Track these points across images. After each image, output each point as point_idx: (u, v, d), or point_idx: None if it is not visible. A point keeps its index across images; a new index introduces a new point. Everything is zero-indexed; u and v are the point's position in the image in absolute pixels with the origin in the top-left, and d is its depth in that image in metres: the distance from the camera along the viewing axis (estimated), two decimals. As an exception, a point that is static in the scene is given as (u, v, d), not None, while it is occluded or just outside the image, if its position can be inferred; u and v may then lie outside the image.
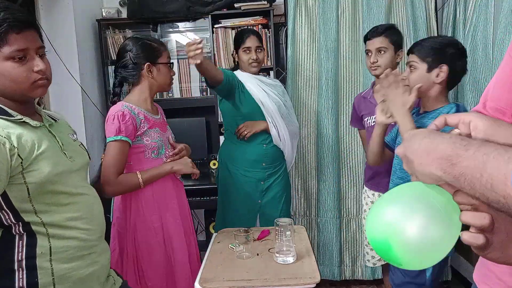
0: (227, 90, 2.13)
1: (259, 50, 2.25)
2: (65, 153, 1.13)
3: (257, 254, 1.64)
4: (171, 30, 3.13)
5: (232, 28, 2.90)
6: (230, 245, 1.72)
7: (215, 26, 2.90)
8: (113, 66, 2.98)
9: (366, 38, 2.03)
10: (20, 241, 1.04)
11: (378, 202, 0.70)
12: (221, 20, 2.91)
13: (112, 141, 1.56)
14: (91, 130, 2.81)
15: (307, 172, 2.83)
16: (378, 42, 1.96)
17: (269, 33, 2.89)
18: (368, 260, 2.21)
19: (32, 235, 1.05)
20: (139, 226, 1.64)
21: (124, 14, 3.07)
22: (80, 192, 1.15)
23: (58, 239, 1.07)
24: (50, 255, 1.05)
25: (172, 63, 1.77)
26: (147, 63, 1.66)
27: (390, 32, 1.98)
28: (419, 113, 1.63)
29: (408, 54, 1.62)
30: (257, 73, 2.30)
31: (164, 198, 1.68)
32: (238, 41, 2.26)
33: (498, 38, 2.01)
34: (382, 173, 1.94)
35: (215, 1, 2.86)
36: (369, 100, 2.08)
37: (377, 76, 1.96)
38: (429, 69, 1.52)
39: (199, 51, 1.70)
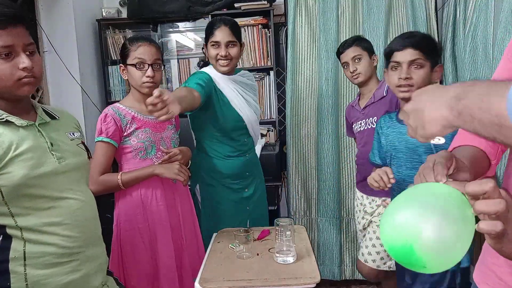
0: (205, 102, 1.80)
1: (231, 45, 1.88)
2: (53, 154, 1.08)
3: (257, 254, 1.64)
4: (171, 30, 3.13)
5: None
6: (230, 245, 1.72)
7: (215, 26, 2.90)
8: (113, 66, 3.02)
9: (339, 53, 2.12)
10: None
11: (390, 209, 0.69)
12: (221, 20, 2.91)
13: (96, 141, 1.63)
14: (91, 130, 2.81)
15: (307, 172, 2.83)
16: (351, 52, 2.04)
17: (269, 33, 2.89)
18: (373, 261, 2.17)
19: (7, 238, 1.01)
20: (124, 225, 1.66)
21: (124, 14, 3.07)
22: (64, 196, 1.09)
23: (34, 244, 1.03)
24: (24, 260, 1.01)
25: (139, 64, 1.63)
26: (120, 64, 1.71)
27: (359, 41, 2.08)
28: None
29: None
30: (229, 73, 1.94)
31: (151, 199, 1.68)
32: (206, 34, 1.91)
33: (498, 38, 2.01)
34: None
35: (215, 1, 2.86)
36: (355, 108, 2.16)
37: (360, 85, 2.09)
38: (432, 68, 1.55)
39: (165, 108, 1.25)
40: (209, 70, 1.94)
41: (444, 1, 2.81)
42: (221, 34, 1.86)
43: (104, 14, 3.00)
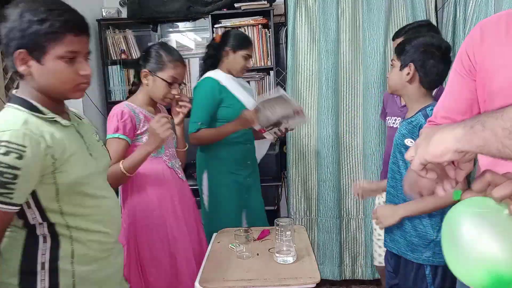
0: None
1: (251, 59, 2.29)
2: (91, 154, 1.13)
3: (257, 254, 1.64)
4: (171, 30, 3.13)
5: (232, 28, 2.90)
6: (230, 245, 1.72)
7: (215, 26, 2.90)
8: (113, 66, 3.02)
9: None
10: (44, 243, 1.04)
11: (450, 248, 0.66)
12: (221, 20, 2.91)
13: (110, 138, 1.60)
14: (91, 130, 2.81)
15: (307, 172, 2.83)
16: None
17: (269, 33, 2.89)
18: (375, 259, 2.16)
19: (55, 237, 1.04)
20: (140, 223, 1.66)
21: (124, 14, 3.07)
22: (104, 195, 1.15)
23: (81, 242, 1.07)
24: (72, 258, 1.06)
25: (173, 82, 1.69)
26: (145, 70, 1.69)
27: (398, 48, 1.84)
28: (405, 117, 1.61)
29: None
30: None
31: (165, 196, 1.69)
32: (242, 44, 2.19)
33: (498, 38, 2.00)
34: None
35: (215, 1, 2.86)
36: (395, 100, 2.04)
37: None
38: (401, 67, 1.50)
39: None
40: (215, 74, 2.18)
41: (444, 1, 2.81)
42: (251, 51, 2.23)
43: (104, 14, 3.00)
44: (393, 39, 2.03)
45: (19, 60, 1.00)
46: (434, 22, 2.66)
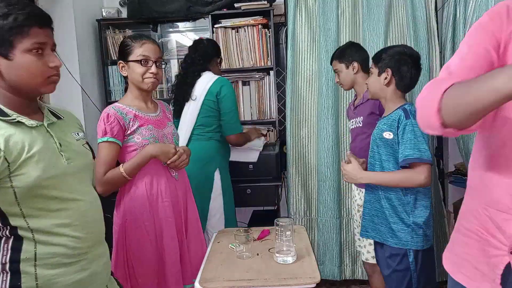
0: None
1: None
2: (62, 155, 1.10)
3: (257, 254, 1.64)
4: (171, 30, 3.13)
5: (232, 28, 2.90)
6: (230, 245, 1.72)
7: (215, 26, 2.90)
8: (113, 66, 3.03)
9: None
10: (5, 245, 1.03)
11: None
12: (221, 20, 2.91)
13: (100, 142, 1.61)
14: (91, 130, 2.81)
15: (307, 172, 2.83)
16: (333, 66, 2.27)
17: (269, 33, 2.89)
18: (363, 254, 2.18)
19: (18, 239, 1.03)
20: (130, 224, 1.65)
21: (124, 14, 3.07)
22: (74, 198, 1.11)
23: (45, 245, 1.05)
24: (35, 260, 1.03)
25: (146, 60, 1.66)
26: (119, 62, 1.71)
27: (338, 55, 2.24)
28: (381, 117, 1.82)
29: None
30: None
31: (157, 196, 1.68)
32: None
33: (498, 38, 2.00)
34: None
35: (215, 1, 2.86)
36: (351, 107, 2.31)
37: (350, 89, 2.32)
38: (379, 74, 1.74)
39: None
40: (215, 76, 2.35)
41: (444, 1, 2.81)
42: None
43: (104, 14, 3.00)
44: (331, 63, 2.31)
45: None
46: (434, 22, 2.66)
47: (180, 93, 2.30)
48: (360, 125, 2.12)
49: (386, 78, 1.71)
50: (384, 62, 1.72)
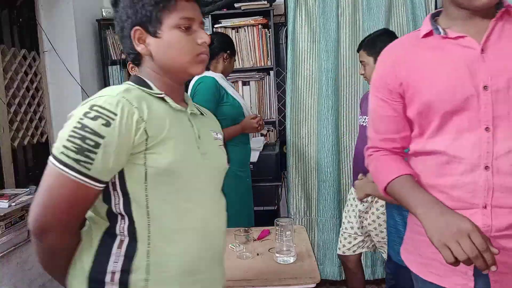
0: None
1: None
2: (198, 147, 0.98)
3: (257, 254, 1.64)
4: (171, 30, 3.13)
5: (232, 28, 2.90)
6: (230, 245, 1.72)
7: (215, 26, 2.90)
8: (113, 66, 3.02)
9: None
10: (119, 249, 0.87)
11: None
12: (221, 20, 2.91)
13: None
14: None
15: (307, 172, 2.83)
16: (359, 56, 2.03)
17: (269, 33, 2.88)
18: (339, 248, 2.24)
19: (133, 241, 0.87)
20: None
21: (124, 14, 3.06)
22: (202, 200, 0.96)
23: (159, 253, 0.88)
24: (147, 274, 0.87)
25: None
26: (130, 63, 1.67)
27: (366, 46, 1.97)
28: None
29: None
30: None
31: None
32: (235, 51, 2.34)
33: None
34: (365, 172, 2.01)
35: (215, 1, 2.86)
36: (368, 101, 2.13)
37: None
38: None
39: None
40: (212, 74, 2.20)
41: (444, 1, 2.81)
42: None
43: (104, 14, 3.00)
44: (358, 51, 2.08)
45: (136, 39, 0.94)
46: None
47: None
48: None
49: None
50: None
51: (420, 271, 1.08)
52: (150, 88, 0.95)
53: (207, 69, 2.24)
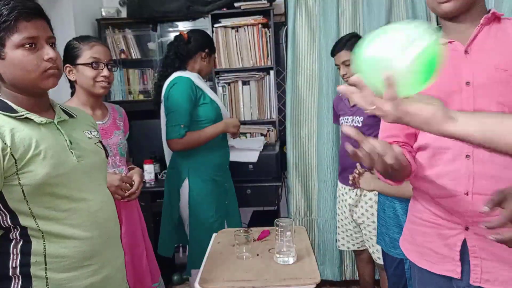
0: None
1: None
2: (72, 152, 1.08)
3: (257, 255, 1.64)
4: (171, 29, 3.13)
5: (232, 28, 2.90)
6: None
7: (215, 25, 2.89)
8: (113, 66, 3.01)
9: (332, 53, 2.17)
10: (15, 248, 1.01)
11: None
12: (221, 20, 2.91)
13: None
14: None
15: (307, 172, 2.83)
16: (342, 56, 2.09)
17: (269, 32, 2.88)
18: (343, 245, 2.34)
19: (27, 242, 1.01)
20: None
21: (123, 14, 3.06)
22: (84, 197, 1.08)
23: (54, 248, 1.02)
24: (45, 264, 1.01)
25: (96, 62, 1.60)
26: (66, 65, 1.63)
27: (350, 44, 2.05)
28: None
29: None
30: None
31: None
32: (214, 48, 2.23)
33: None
34: (350, 167, 2.04)
35: (215, 1, 2.86)
36: (344, 102, 2.23)
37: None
38: None
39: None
40: (188, 74, 2.10)
41: (444, 0, 2.81)
42: None
43: (103, 13, 2.99)
44: (334, 54, 2.15)
45: None
46: (434, 22, 2.66)
47: (155, 95, 2.21)
48: (359, 125, 2.08)
49: None
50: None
51: (417, 260, 1.19)
52: (11, 110, 1.01)
53: (184, 69, 2.13)
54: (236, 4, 2.86)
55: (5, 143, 0.95)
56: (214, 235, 1.89)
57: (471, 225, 1.05)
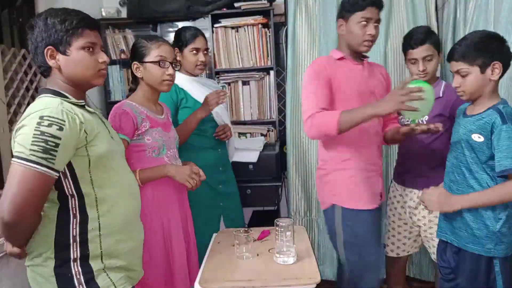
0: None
1: (206, 52, 2.14)
2: (112, 137, 1.32)
3: (257, 255, 1.64)
4: (171, 29, 3.13)
5: (232, 28, 2.90)
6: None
7: (215, 25, 2.90)
8: (113, 66, 3.02)
9: (408, 46, 1.97)
10: (74, 218, 1.18)
11: None
12: (221, 20, 2.91)
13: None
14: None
15: (307, 172, 2.83)
16: (424, 50, 1.92)
17: (269, 32, 2.88)
18: (392, 251, 2.18)
19: (84, 212, 1.19)
20: None
21: (123, 14, 3.06)
22: (122, 171, 1.32)
23: (107, 216, 1.22)
24: (99, 230, 1.20)
25: (163, 61, 1.68)
26: (134, 62, 1.70)
27: (430, 38, 1.93)
28: (466, 114, 1.61)
29: (449, 61, 1.57)
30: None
31: (165, 200, 1.68)
32: (186, 41, 2.10)
33: (499, 38, 2.00)
34: (413, 168, 2.04)
35: (215, 1, 2.86)
36: None
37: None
38: (482, 70, 1.50)
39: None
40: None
41: (444, 1, 2.80)
42: (201, 42, 2.11)
43: (103, 14, 2.99)
44: (412, 47, 1.95)
45: (48, 56, 1.21)
46: (434, 22, 2.66)
47: None
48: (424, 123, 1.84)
49: (495, 73, 1.48)
50: (488, 56, 1.47)
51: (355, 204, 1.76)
52: (68, 98, 1.22)
53: None
54: (236, 4, 2.86)
55: (80, 120, 1.16)
56: (214, 235, 1.90)
57: None
